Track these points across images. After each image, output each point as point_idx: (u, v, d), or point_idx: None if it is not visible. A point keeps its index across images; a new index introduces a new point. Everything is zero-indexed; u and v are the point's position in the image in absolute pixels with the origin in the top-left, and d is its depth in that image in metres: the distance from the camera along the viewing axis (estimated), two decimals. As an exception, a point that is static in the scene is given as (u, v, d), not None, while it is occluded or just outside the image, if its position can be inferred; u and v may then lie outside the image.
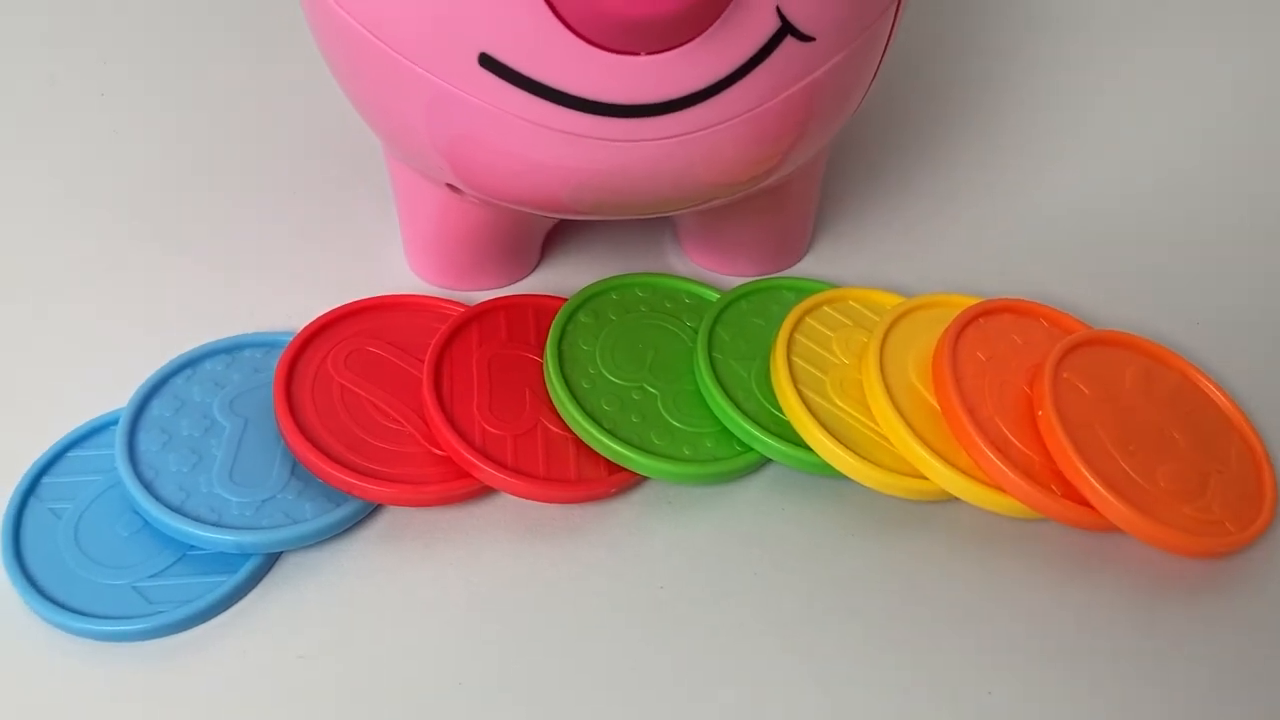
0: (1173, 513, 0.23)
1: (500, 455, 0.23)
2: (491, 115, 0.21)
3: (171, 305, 0.27)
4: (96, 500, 0.23)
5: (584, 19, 0.19)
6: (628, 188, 0.22)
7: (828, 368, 0.25)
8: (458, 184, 0.23)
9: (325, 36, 0.23)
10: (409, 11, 0.20)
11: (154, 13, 0.37)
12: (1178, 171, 0.33)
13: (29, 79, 0.34)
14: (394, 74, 0.21)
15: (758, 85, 0.21)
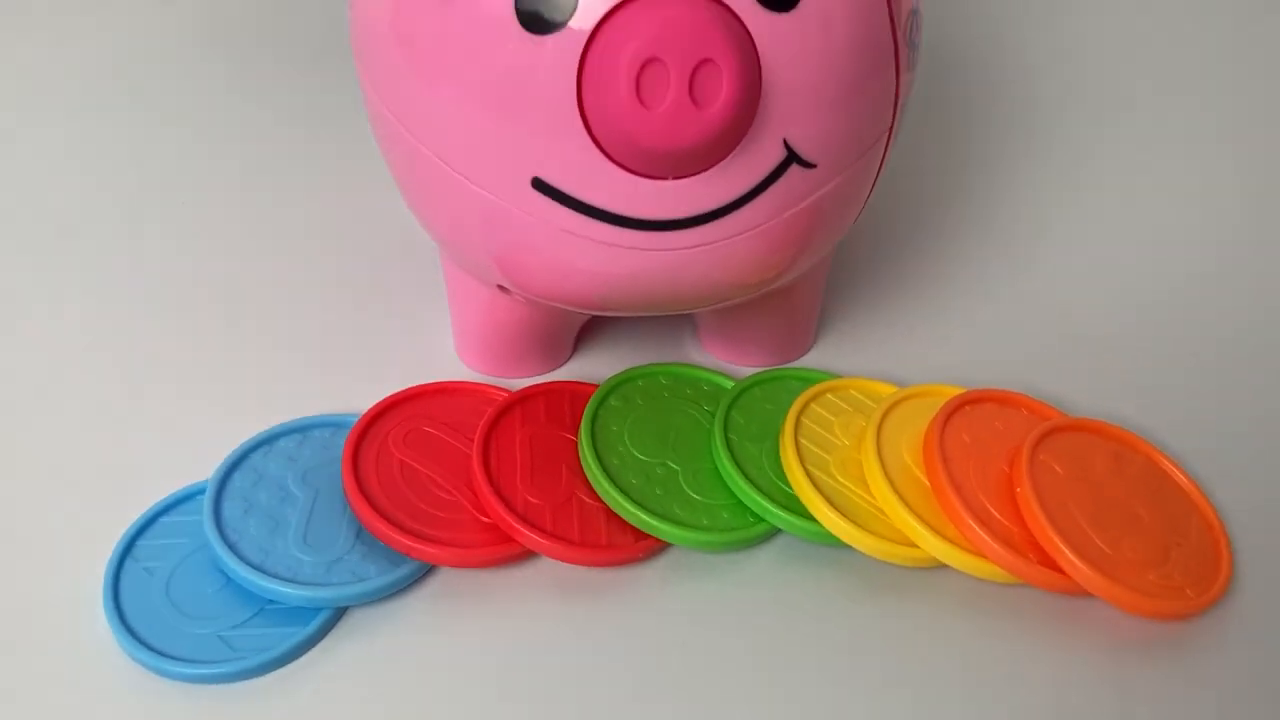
0: (1138, 579, 0.25)
1: (540, 522, 0.26)
2: (540, 228, 0.24)
3: (250, 390, 0.30)
4: (185, 560, 0.26)
5: (621, 150, 0.22)
6: (655, 290, 0.25)
7: (831, 448, 0.28)
8: (507, 285, 0.27)
9: (395, 158, 0.26)
10: (474, 141, 0.24)
11: (237, 119, 0.41)
12: (1148, 276, 0.36)
13: (117, 183, 0.38)
14: (456, 191, 0.24)
15: (766, 205, 0.24)
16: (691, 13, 0.21)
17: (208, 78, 0.44)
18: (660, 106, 0.21)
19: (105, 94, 0.43)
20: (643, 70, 0.21)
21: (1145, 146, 0.42)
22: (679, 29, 0.21)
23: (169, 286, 0.34)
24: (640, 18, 0.21)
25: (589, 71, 0.22)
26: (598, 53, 0.22)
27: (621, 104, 0.21)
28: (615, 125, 0.22)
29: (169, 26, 0.47)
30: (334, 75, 0.43)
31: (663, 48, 0.21)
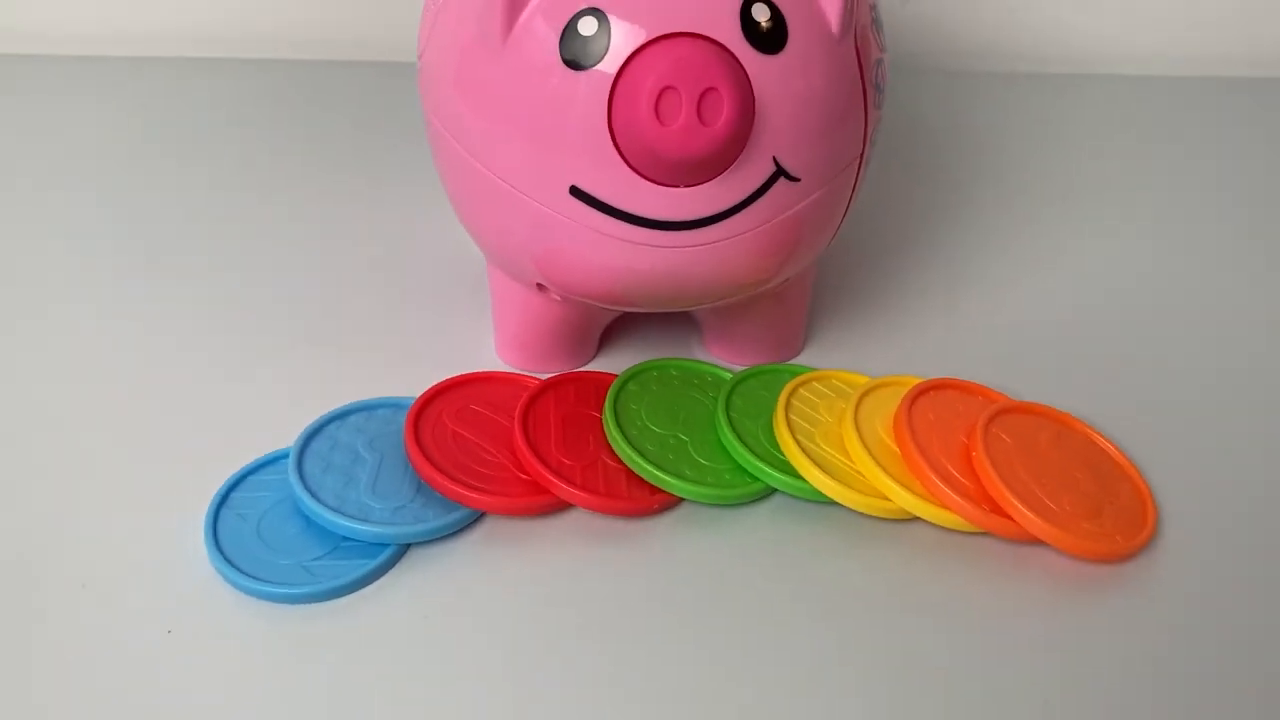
0: (1076, 527, 0.30)
1: (571, 478, 0.30)
2: (576, 230, 0.29)
3: (327, 377, 0.35)
4: (272, 508, 0.30)
5: (644, 162, 0.28)
6: (668, 283, 0.30)
7: (816, 423, 0.32)
8: (545, 283, 0.32)
9: (452, 175, 0.32)
10: (522, 158, 0.29)
11: (310, 146, 0.47)
12: (1085, 289, 0.42)
13: (224, 205, 0.44)
14: (506, 201, 0.30)
15: (759, 212, 0.29)
16: (698, 52, 0.27)
17: (288, 120, 0.50)
18: (675, 124, 0.27)
19: (186, 117, 0.49)
20: (661, 96, 0.26)
21: (1095, 184, 0.48)
22: (689, 64, 0.27)
23: (264, 295, 0.40)
24: (659, 56, 0.27)
25: (618, 99, 0.27)
26: (625, 84, 0.27)
27: (644, 122, 0.27)
28: (639, 140, 0.27)
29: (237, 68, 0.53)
30: (392, 117, 0.50)
31: (676, 79, 0.26)
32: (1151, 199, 0.48)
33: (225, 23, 0.57)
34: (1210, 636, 0.28)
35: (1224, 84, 0.58)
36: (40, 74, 0.55)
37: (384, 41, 0.56)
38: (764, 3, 0.28)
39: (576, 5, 0.28)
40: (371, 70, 0.56)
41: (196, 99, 0.53)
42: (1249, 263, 0.44)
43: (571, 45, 0.27)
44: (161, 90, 0.54)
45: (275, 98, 0.54)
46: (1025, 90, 0.57)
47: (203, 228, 0.44)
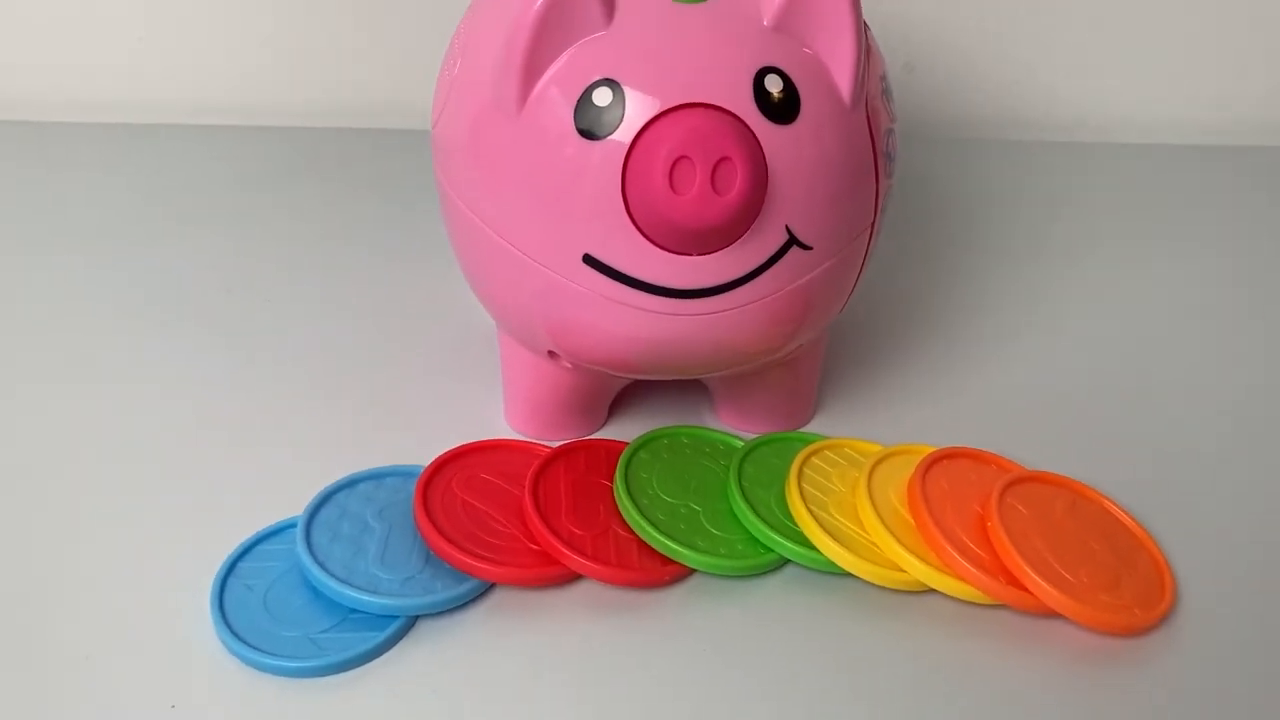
0: (1093, 599, 0.29)
1: (582, 549, 0.30)
2: (589, 298, 0.29)
3: (336, 446, 0.35)
4: (279, 579, 0.30)
5: (657, 230, 0.28)
6: (681, 351, 0.30)
7: (829, 493, 0.32)
8: (557, 350, 0.32)
9: (464, 243, 0.32)
10: (536, 226, 0.29)
11: (319, 212, 0.47)
12: (1098, 358, 0.42)
13: (227, 270, 0.44)
14: (518, 269, 0.30)
15: (772, 280, 0.29)
16: (712, 122, 0.27)
17: (289, 198, 0.50)
18: (689, 193, 0.27)
19: (197, 184, 0.49)
20: (675, 165, 0.27)
21: (1105, 249, 0.48)
22: (703, 134, 0.27)
23: (274, 361, 0.40)
24: (673, 126, 0.27)
25: (632, 168, 0.27)
26: (639, 154, 0.27)
27: (658, 191, 0.27)
28: (653, 209, 0.27)
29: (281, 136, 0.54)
30: (403, 183, 0.51)
31: (691, 148, 0.27)
32: (1162, 265, 0.48)
33: (233, 91, 0.58)
34: (1232, 713, 0.28)
35: (1229, 152, 0.59)
36: (51, 141, 0.55)
37: (392, 107, 0.57)
38: (777, 74, 0.28)
39: (591, 75, 0.28)
40: (381, 137, 0.56)
41: (206, 166, 0.54)
42: (1263, 329, 0.44)
43: (586, 115, 0.28)
44: (173, 157, 0.54)
45: (285, 165, 0.54)
46: (1030, 157, 0.57)
47: (211, 294, 0.44)
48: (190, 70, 0.58)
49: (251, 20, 0.56)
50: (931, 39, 0.57)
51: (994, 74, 0.58)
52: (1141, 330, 0.44)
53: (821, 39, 0.29)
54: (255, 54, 0.57)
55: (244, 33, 0.57)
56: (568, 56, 0.28)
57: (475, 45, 0.31)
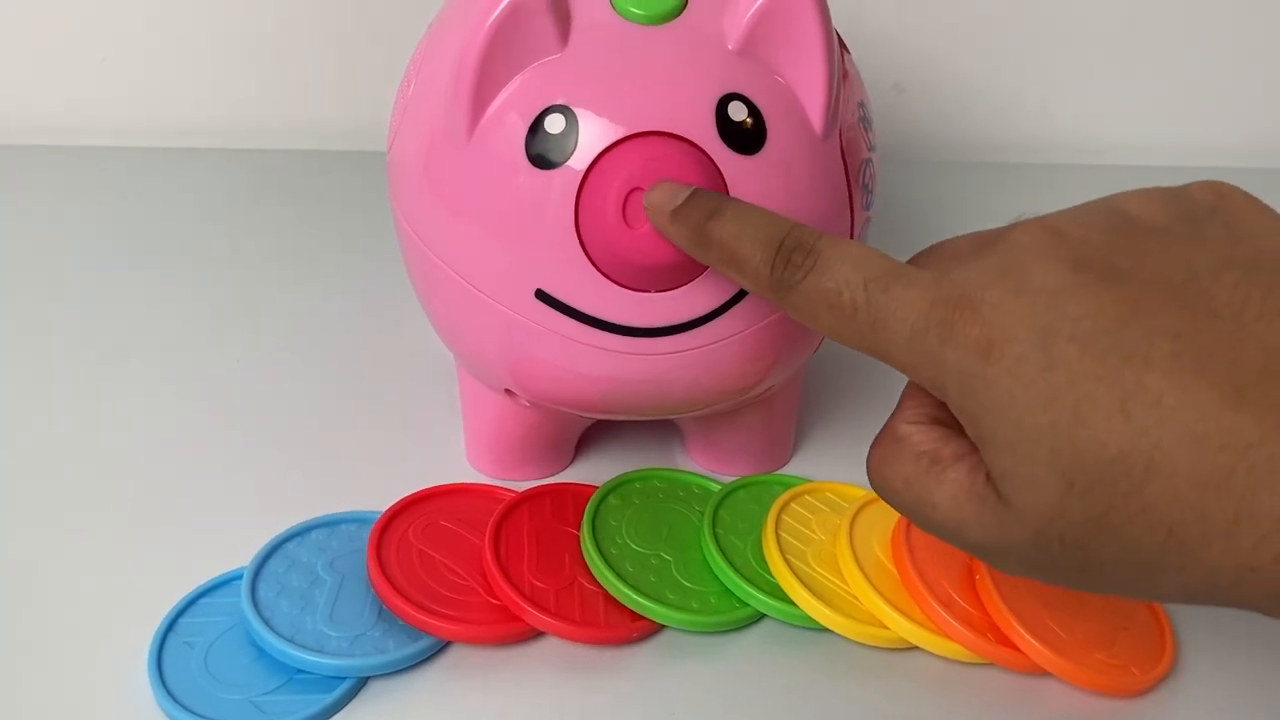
0: (1088, 658, 0.28)
1: (545, 604, 0.28)
2: (542, 335, 0.27)
3: (285, 488, 0.33)
4: (222, 635, 0.28)
5: (611, 265, 0.26)
6: (644, 392, 0.29)
7: (808, 542, 0.30)
8: (515, 389, 0.30)
9: (419, 274, 0.30)
10: (485, 258, 0.27)
11: (277, 260, 0.45)
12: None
13: (169, 312, 0.42)
14: (471, 303, 0.28)
15: (737, 318, 0.28)
16: (668, 152, 0.25)
17: (246, 225, 0.48)
18: (642, 226, 0.25)
19: (152, 235, 0.47)
20: (629, 197, 0.25)
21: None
22: (659, 164, 0.25)
23: (221, 404, 0.37)
24: (628, 156, 0.25)
25: (585, 199, 0.26)
26: (593, 184, 0.26)
27: (611, 224, 0.25)
28: (606, 243, 0.26)
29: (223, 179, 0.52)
30: (361, 220, 0.49)
31: (645, 179, 0.25)
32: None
33: (193, 115, 0.56)
34: (1237, 783, 0.26)
35: (1213, 174, 0.57)
36: (24, 166, 0.53)
37: (353, 130, 0.55)
38: (741, 100, 0.26)
39: (544, 101, 0.26)
40: (340, 159, 0.54)
41: (156, 193, 0.51)
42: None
43: (538, 142, 0.26)
44: (122, 183, 0.52)
45: (236, 190, 0.51)
46: (1023, 181, 0.55)
47: (159, 328, 0.41)
48: (149, 92, 0.56)
49: (217, 42, 0.55)
50: (922, 60, 0.55)
51: (986, 96, 0.57)
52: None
53: (790, 64, 0.27)
54: (217, 76, 0.56)
55: (208, 54, 0.55)
56: (520, 81, 0.27)
57: (429, 68, 0.29)
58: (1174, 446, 0.19)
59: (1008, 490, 0.20)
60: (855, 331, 0.22)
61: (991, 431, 0.20)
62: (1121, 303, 0.20)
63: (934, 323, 0.21)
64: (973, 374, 0.20)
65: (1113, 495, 0.19)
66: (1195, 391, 0.19)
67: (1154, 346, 0.19)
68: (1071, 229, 0.21)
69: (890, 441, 0.24)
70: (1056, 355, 0.20)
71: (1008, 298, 0.20)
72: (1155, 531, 0.19)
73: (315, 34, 0.54)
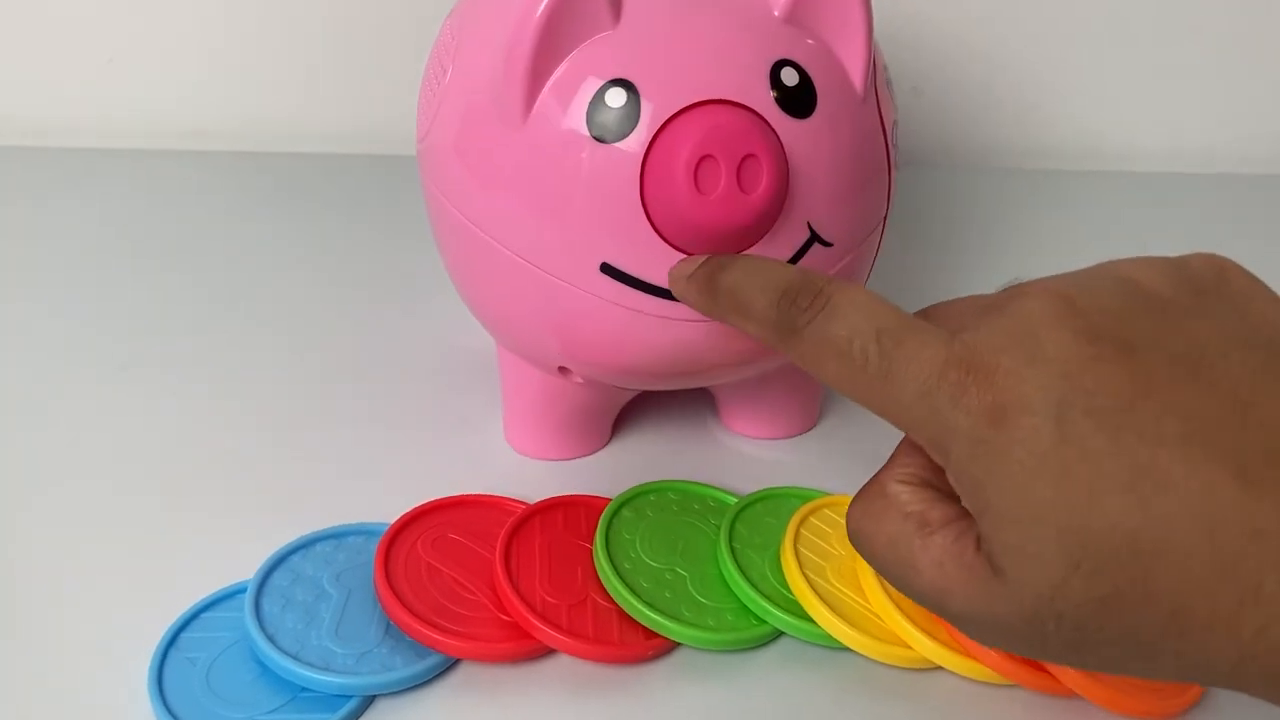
0: (1116, 679, 0.27)
1: (557, 620, 0.28)
2: (608, 309, 0.28)
3: (291, 499, 0.32)
4: (225, 651, 0.27)
5: (680, 234, 0.26)
6: (698, 357, 0.29)
7: (828, 557, 0.30)
8: (570, 364, 0.30)
9: (462, 256, 0.30)
10: (547, 235, 0.27)
11: (288, 251, 0.45)
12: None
13: (175, 310, 0.41)
14: (528, 281, 0.28)
15: None
16: (735, 119, 0.26)
17: (248, 229, 0.48)
18: (715, 193, 0.25)
19: (159, 238, 0.46)
20: (700, 165, 0.25)
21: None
22: (727, 131, 0.26)
23: (224, 413, 0.37)
24: (692, 125, 0.26)
25: (651, 170, 0.26)
26: (659, 155, 0.26)
27: (682, 193, 0.25)
28: (677, 211, 0.26)
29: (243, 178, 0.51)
30: (364, 227, 0.48)
31: (715, 147, 0.25)
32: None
33: (210, 118, 0.56)
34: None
35: (1237, 180, 0.56)
36: (31, 167, 0.53)
37: (369, 133, 0.54)
38: (792, 66, 0.27)
39: (604, 76, 0.26)
40: (354, 163, 0.54)
41: (167, 194, 0.51)
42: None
43: (599, 118, 0.26)
44: (137, 183, 0.51)
45: (249, 192, 0.51)
46: (1042, 185, 0.55)
47: (159, 337, 0.41)
48: (159, 93, 0.55)
49: (225, 43, 0.54)
50: (939, 63, 0.54)
51: (1003, 100, 0.56)
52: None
53: (832, 30, 0.28)
54: (226, 77, 0.55)
55: (216, 55, 0.55)
56: (575, 58, 0.27)
57: (468, 52, 0.29)
58: (1185, 529, 0.18)
59: (1004, 563, 0.20)
60: (863, 383, 0.21)
61: (994, 502, 0.20)
62: (1134, 378, 0.19)
63: (947, 383, 0.20)
64: (981, 440, 0.20)
65: (1119, 578, 0.18)
66: (1206, 473, 0.18)
67: (1165, 425, 0.19)
68: (1081, 297, 0.21)
69: (877, 496, 0.23)
70: (1071, 429, 0.19)
71: (1022, 365, 0.20)
72: (1158, 615, 0.18)
73: (326, 37, 0.54)
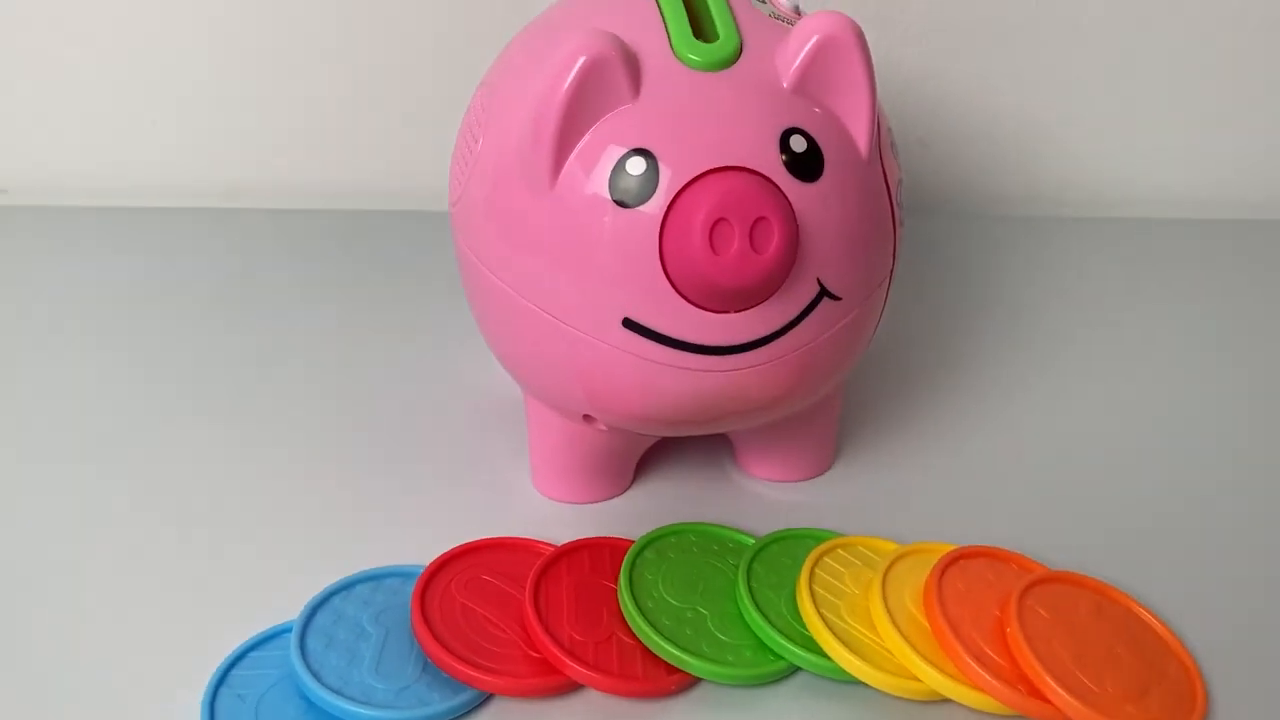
0: (1119, 710, 0.28)
1: (584, 656, 0.29)
2: (629, 360, 0.29)
3: (331, 543, 0.34)
4: (272, 688, 0.29)
5: (697, 291, 0.28)
6: (721, 404, 0.31)
7: (842, 595, 0.31)
8: (596, 414, 0.32)
9: (494, 314, 0.32)
10: (572, 293, 0.29)
11: (320, 301, 0.47)
12: (1122, 446, 0.40)
13: (218, 354, 0.43)
14: (555, 336, 0.30)
15: (806, 331, 0.30)
16: (746, 184, 0.28)
17: (284, 282, 0.50)
18: (729, 253, 0.27)
19: (212, 289, 0.49)
20: (715, 227, 0.27)
21: (1121, 328, 0.47)
22: (739, 196, 0.27)
23: (269, 465, 0.38)
24: (709, 190, 0.28)
25: (669, 232, 0.28)
26: (676, 218, 0.28)
27: (699, 253, 0.27)
28: (694, 270, 0.28)
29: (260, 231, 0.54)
30: (399, 280, 0.50)
31: (729, 210, 0.27)
32: (1200, 350, 0.46)
33: (246, 177, 0.58)
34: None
35: (1243, 226, 0.58)
36: (64, 225, 0.55)
37: (403, 190, 0.56)
38: (800, 134, 0.29)
39: (625, 146, 0.28)
40: (384, 219, 0.56)
41: (205, 252, 0.53)
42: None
43: (621, 184, 0.28)
44: (173, 242, 0.54)
45: (281, 249, 0.53)
46: (1049, 233, 0.56)
47: (201, 378, 0.43)
48: (195, 154, 0.58)
49: (259, 104, 0.57)
50: (946, 116, 0.56)
51: (1009, 150, 0.58)
52: (1175, 422, 0.42)
53: (838, 99, 0.30)
54: (258, 137, 0.58)
55: (248, 116, 0.57)
56: (598, 129, 0.29)
57: (498, 123, 0.31)
58: None
59: None
60: None
61: None
62: None
63: None
64: None
65: None
66: None
67: None
68: None
69: None
70: None
71: None
72: None
73: (357, 101, 0.56)
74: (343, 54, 0.55)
